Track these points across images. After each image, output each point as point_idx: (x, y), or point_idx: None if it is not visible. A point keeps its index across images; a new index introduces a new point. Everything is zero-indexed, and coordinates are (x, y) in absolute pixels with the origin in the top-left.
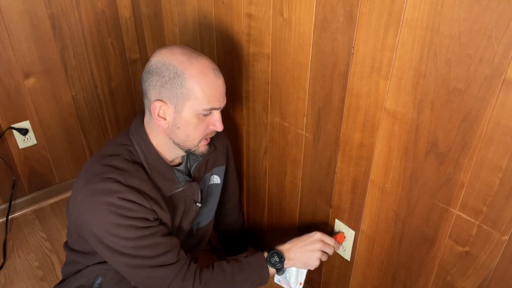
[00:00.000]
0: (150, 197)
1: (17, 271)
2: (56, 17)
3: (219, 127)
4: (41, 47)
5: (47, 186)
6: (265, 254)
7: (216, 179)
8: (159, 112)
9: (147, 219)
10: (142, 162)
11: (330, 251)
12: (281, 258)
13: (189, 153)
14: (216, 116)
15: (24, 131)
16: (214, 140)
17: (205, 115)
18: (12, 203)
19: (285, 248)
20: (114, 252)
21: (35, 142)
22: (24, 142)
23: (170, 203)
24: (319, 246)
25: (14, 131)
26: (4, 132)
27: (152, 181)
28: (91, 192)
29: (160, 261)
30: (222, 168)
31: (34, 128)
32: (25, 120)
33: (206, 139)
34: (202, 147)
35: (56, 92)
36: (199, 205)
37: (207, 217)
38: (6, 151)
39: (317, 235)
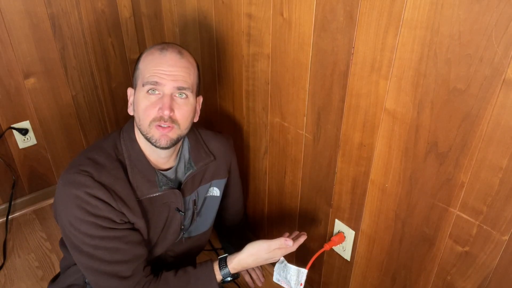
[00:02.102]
0: (120, 198)
1: (17, 271)
2: (56, 17)
3: (164, 109)
4: (41, 47)
5: (47, 186)
6: (215, 266)
7: (215, 191)
8: (129, 98)
9: (112, 220)
10: (125, 159)
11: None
12: (234, 277)
13: (151, 143)
14: (163, 98)
15: (24, 131)
16: (214, 151)
17: (152, 94)
18: (12, 203)
19: (239, 265)
20: (74, 247)
21: (35, 142)
22: (24, 142)
23: (148, 207)
24: (278, 257)
25: (14, 131)
26: (4, 132)
27: (130, 181)
28: (64, 182)
29: (114, 269)
30: (222, 181)
31: (34, 128)
32: (25, 120)
33: (161, 127)
34: (156, 134)
35: (56, 92)
36: (182, 213)
37: (201, 227)
38: (6, 151)
39: (277, 256)
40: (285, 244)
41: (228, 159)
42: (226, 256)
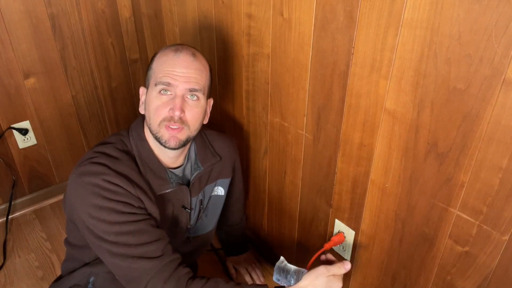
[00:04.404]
0: (137, 185)
1: (17, 271)
2: (56, 17)
3: (175, 110)
4: (41, 47)
5: (47, 186)
6: None
7: (220, 191)
8: (141, 97)
9: (131, 205)
10: (135, 157)
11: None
12: None
13: (160, 144)
14: (175, 98)
15: (24, 131)
16: (220, 151)
17: (163, 95)
18: (12, 203)
19: None
20: (97, 237)
21: (35, 142)
22: (24, 142)
23: (160, 202)
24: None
25: (14, 131)
26: (4, 132)
27: (143, 176)
28: (78, 174)
29: (141, 251)
30: (227, 180)
31: (34, 128)
32: (25, 120)
33: (171, 128)
34: (166, 135)
35: (56, 92)
36: (188, 211)
37: (207, 227)
38: (6, 151)
39: (338, 285)
40: (344, 268)
41: (233, 159)
42: (283, 287)
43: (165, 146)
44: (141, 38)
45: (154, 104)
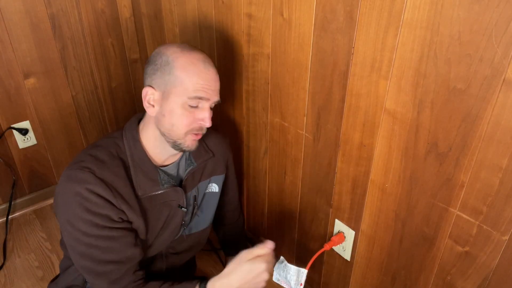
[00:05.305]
0: (120, 195)
1: (17, 271)
2: (56, 17)
3: (206, 122)
4: (41, 47)
5: (47, 186)
6: (197, 287)
7: (214, 188)
8: (148, 98)
9: (110, 218)
10: (127, 158)
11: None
12: None
13: (176, 148)
14: (205, 111)
15: (24, 131)
16: (213, 148)
17: (192, 107)
18: (12, 203)
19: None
20: (69, 245)
21: (35, 142)
22: (24, 142)
23: (147, 206)
24: (263, 269)
25: (14, 131)
26: (4, 132)
27: (131, 179)
28: (65, 178)
29: (105, 269)
30: (221, 177)
31: (34, 128)
32: (25, 120)
33: (195, 134)
34: (190, 142)
35: (56, 92)
36: (185, 209)
37: (202, 224)
38: (6, 151)
39: (262, 266)
40: (267, 247)
41: (226, 156)
42: (208, 278)
43: (184, 150)
44: (141, 38)
45: (183, 116)
